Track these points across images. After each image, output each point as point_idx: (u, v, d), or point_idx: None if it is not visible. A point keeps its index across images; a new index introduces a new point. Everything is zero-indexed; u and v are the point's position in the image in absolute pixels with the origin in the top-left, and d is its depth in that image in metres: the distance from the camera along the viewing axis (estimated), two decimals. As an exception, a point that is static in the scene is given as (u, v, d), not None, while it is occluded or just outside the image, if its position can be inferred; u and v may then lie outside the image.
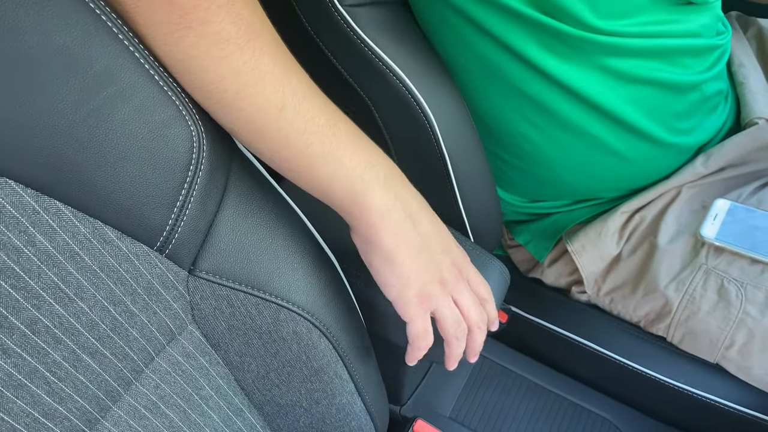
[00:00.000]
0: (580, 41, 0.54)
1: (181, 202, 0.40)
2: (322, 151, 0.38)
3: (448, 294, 0.45)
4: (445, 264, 0.44)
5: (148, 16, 0.35)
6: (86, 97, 0.34)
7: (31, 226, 0.35)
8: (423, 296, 0.43)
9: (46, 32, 0.32)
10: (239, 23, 0.35)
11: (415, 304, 0.44)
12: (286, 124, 0.38)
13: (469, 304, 0.46)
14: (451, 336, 0.46)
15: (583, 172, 0.65)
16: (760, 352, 0.60)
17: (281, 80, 0.37)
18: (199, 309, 0.44)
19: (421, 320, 0.45)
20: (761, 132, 0.66)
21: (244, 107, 0.37)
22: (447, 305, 0.45)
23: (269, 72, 0.37)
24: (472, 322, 0.46)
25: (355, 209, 0.40)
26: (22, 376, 0.35)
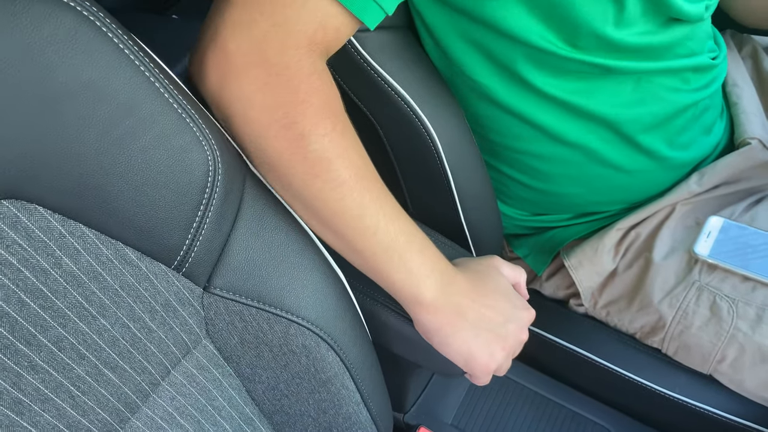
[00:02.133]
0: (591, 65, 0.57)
1: (197, 223, 0.42)
2: (398, 263, 0.48)
3: (510, 357, 0.52)
4: (510, 332, 0.52)
5: (288, 167, 0.45)
6: (111, 127, 0.36)
7: (57, 249, 0.37)
8: (491, 366, 0.51)
9: (74, 68, 0.34)
10: (351, 169, 0.45)
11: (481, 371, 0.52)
12: (375, 244, 0.47)
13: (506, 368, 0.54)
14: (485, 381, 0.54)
15: (582, 186, 0.67)
16: (751, 367, 0.62)
17: (377, 210, 0.47)
18: (213, 324, 0.46)
19: (485, 381, 0.53)
20: (754, 152, 0.68)
21: (347, 233, 0.47)
22: (506, 367, 0.53)
23: (369, 206, 0.47)
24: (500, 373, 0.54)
25: (416, 307, 0.50)
26: (49, 390, 0.37)
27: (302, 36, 0.43)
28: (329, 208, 0.46)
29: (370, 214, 0.46)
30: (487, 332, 0.50)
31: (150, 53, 0.40)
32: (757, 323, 0.61)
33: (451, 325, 0.50)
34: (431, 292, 0.49)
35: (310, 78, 0.44)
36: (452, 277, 0.50)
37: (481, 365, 0.51)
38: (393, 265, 0.48)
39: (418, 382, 0.72)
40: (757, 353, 0.61)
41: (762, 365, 0.61)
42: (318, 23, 0.44)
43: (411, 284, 0.49)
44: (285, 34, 0.43)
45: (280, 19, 0.42)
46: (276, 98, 0.43)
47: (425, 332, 0.52)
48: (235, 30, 0.42)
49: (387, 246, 0.47)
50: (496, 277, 0.54)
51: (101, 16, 0.35)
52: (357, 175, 0.46)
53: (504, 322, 0.51)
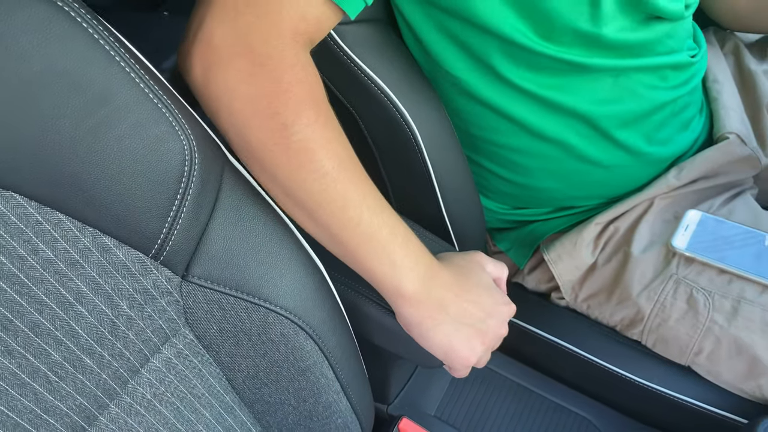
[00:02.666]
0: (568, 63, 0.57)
1: (174, 212, 0.42)
2: (380, 255, 0.49)
3: (489, 350, 0.54)
4: (491, 327, 0.53)
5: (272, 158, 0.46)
6: (86, 116, 0.37)
7: (34, 236, 0.37)
8: (471, 360, 0.52)
9: (49, 57, 0.35)
10: (334, 160, 0.46)
11: (461, 363, 0.53)
12: (358, 236, 0.48)
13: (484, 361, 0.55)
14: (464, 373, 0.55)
15: (561, 180, 0.68)
16: (727, 359, 0.62)
17: (361, 202, 0.48)
18: (191, 312, 0.46)
19: (463, 371, 0.54)
20: (732, 146, 0.69)
21: (330, 224, 0.48)
22: (486, 358, 0.54)
23: (353, 198, 0.47)
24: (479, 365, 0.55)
25: (398, 300, 0.51)
26: (26, 375, 0.38)
27: (285, 27, 0.44)
28: (313, 200, 0.47)
29: (353, 205, 0.47)
30: (467, 327, 0.51)
31: (126, 44, 0.40)
32: (733, 316, 0.62)
33: (432, 318, 0.50)
34: (413, 285, 0.49)
35: (294, 68, 0.44)
36: (435, 271, 0.51)
37: (461, 359, 0.52)
38: (376, 257, 0.49)
39: (402, 373, 0.73)
40: (733, 345, 0.62)
41: (738, 357, 0.62)
42: (300, 13, 0.44)
43: (393, 277, 0.49)
44: (268, 25, 0.43)
45: (263, 10, 0.43)
46: (259, 89, 0.44)
47: (406, 325, 0.52)
48: (219, 22, 0.43)
49: (370, 238, 0.48)
50: (478, 273, 0.54)
51: (75, 6, 0.36)
52: (341, 166, 0.46)
53: (485, 317, 0.52)
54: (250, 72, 0.44)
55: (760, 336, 0.61)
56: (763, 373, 0.61)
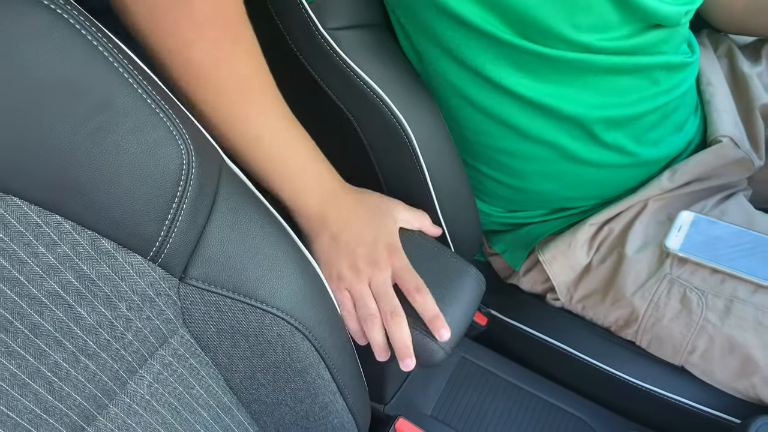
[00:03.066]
0: (558, 62, 0.58)
1: (172, 215, 0.43)
2: (280, 172, 0.53)
3: (360, 280, 0.55)
4: (360, 255, 0.55)
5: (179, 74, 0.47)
6: (85, 121, 0.38)
7: (34, 239, 0.38)
8: (333, 276, 0.56)
9: (49, 64, 0.36)
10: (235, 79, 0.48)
11: (333, 280, 0.56)
12: (260, 153, 0.52)
13: (379, 292, 0.55)
14: (361, 317, 0.56)
15: (555, 182, 0.69)
16: (720, 358, 0.63)
17: (263, 123, 0.50)
18: (189, 314, 0.47)
19: (337, 295, 0.56)
20: (725, 149, 0.69)
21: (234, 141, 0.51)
22: (356, 288, 0.55)
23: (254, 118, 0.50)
24: (381, 311, 0.55)
25: (294, 212, 0.56)
26: (26, 375, 0.38)
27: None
28: (216, 116, 0.49)
29: (254, 125, 0.50)
30: (342, 245, 0.55)
31: (125, 49, 0.41)
32: (726, 315, 0.62)
33: (315, 230, 0.56)
34: (308, 200, 0.54)
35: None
36: (335, 194, 0.55)
37: (327, 273, 0.55)
38: (275, 174, 0.53)
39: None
40: (726, 344, 0.62)
41: (731, 356, 0.62)
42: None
43: (288, 190, 0.54)
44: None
45: None
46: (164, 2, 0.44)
47: (301, 235, 0.55)
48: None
49: (271, 157, 0.52)
50: (382, 215, 0.58)
51: (75, 14, 0.37)
52: (242, 87, 0.49)
53: (357, 244, 0.55)
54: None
55: (752, 334, 0.61)
56: (756, 372, 0.61)
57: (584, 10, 0.54)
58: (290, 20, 0.56)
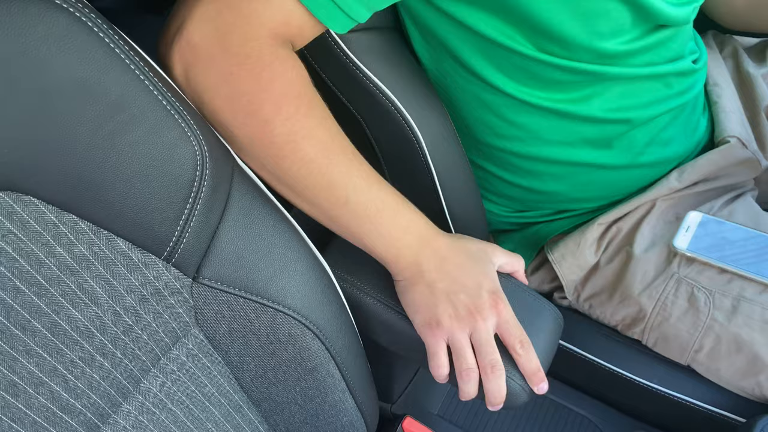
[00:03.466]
0: (574, 72, 0.58)
1: (186, 215, 0.44)
2: (369, 229, 0.52)
3: (461, 329, 0.52)
4: (461, 303, 0.52)
5: (258, 150, 0.48)
6: (102, 123, 0.38)
7: (51, 239, 0.38)
8: (432, 323, 0.53)
9: (68, 67, 0.36)
10: (317, 147, 0.49)
11: (426, 327, 0.53)
12: (347, 213, 0.51)
13: (482, 343, 0.52)
14: (458, 369, 0.53)
15: (565, 183, 0.69)
16: (726, 356, 0.63)
17: (347, 183, 0.50)
18: (202, 313, 0.47)
19: (431, 344, 0.53)
20: (733, 150, 0.70)
21: (319, 204, 0.51)
22: (458, 338, 0.52)
23: (338, 180, 0.50)
24: (480, 364, 0.52)
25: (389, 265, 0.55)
26: (43, 374, 0.39)
27: (264, 29, 0.46)
28: (300, 184, 0.49)
29: (338, 187, 0.50)
30: (440, 293, 0.53)
31: (140, 52, 0.41)
32: (733, 314, 0.63)
33: (411, 279, 0.54)
34: (399, 252, 0.53)
35: (272, 65, 0.46)
36: (427, 242, 0.53)
37: (424, 320, 0.53)
38: (365, 231, 0.52)
39: (405, 373, 0.73)
40: (733, 343, 0.63)
41: (737, 355, 0.63)
42: (282, 19, 0.46)
43: (381, 246, 0.53)
44: (248, 27, 0.45)
45: (245, 12, 0.45)
46: (239, 87, 0.46)
47: (395, 285, 0.56)
48: (201, 22, 0.45)
49: (358, 215, 0.51)
50: (480, 260, 0.55)
51: (93, 17, 0.37)
52: (324, 152, 0.49)
53: (458, 291, 0.52)
54: (229, 72, 0.45)
55: (759, 333, 0.62)
56: (762, 371, 0.62)
57: (603, 17, 0.55)
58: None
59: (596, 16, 0.54)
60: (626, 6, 0.55)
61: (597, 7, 0.54)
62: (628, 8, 0.55)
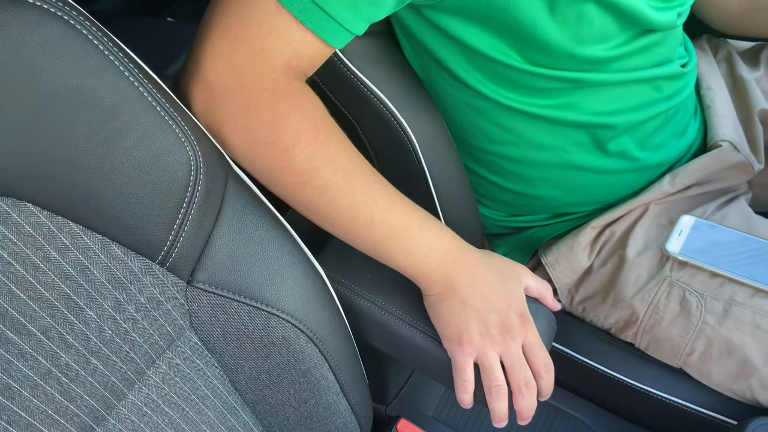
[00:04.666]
0: (564, 81, 0.59)
1: (180, 220, 0.44)
2: (396, 248, 0.53)
3: (492, 347, 0.53)
4: (493, 321, 0.53)
5: (279, 180, 0.49)
6: (96, 129, 0.39)
7: (46, 244, 0.39)
8: (463, 340, 0.53)
9: (62, 73, 0.37)
10: (338, 172, 0.49)
11: (455, 344, 0.54)
12: (373, 234, 0.52)
13: (512, 363, 0.53)
14: (487, 387, 0.54)
15: (558, 188, 0.69)
16: (718, 359, 0.64)
17: (370, 205, 0.51)
18: (196, 316, 0.48)
19: (459, 360, 0.54)
20: (725, 154, 0.70)
21: (345, 227, 0.52)
22: (488, 356, 0.53)
23: (361, 203, 0.50)
24: (513, 382, 0.53)
25: (418, 281, 0.55)
26: (38, 377, 0.39)
27: (278, 62, 0.47)
28: (323, 209, 0.50)
29: (362, 209, 0.50)
30: (471, 309, 0.53)
31: (135, 58, 0.42)
32: (724, 317, 0.63)
33: (441, 294, 0.54)
34: (427, 268, 0.53)
35: (287, 97, 0.47)
36: (456, 257, 0.54)
37: (454, 336, 0.53)
38: (392, 250, 0.53)
39: (400, 375, 0.74)
40: (724, 346, 0.63)
41: (728, 358, 0.63)
42: (293, 50, 0.47)
43: (410, 263, 0.53)
44: (262, 61, 0.46)
45: (258, 48, 0.46)
46: (257, 119, 0.47)
47: (424, 300, 0.56)
48: (215, 60, 0.46)
49: (384, 234, 0.52)
50: (510, 278, 0.56)
51: (87, 24, 0.38)
52: (345, 177, 0.49)
53: (490, 310, 0.53)
54: (246, 105, 0.47)
55: (750, 337, 0.62)
56: (753, 374, 0.62)
57: (585, 24, 0.55)
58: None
59: (578, 23, 0.55)
60: (609, 13, 0.56)
61: (579, 14, 0.54)
62: (611, 15, 0.56)
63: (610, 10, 0.55)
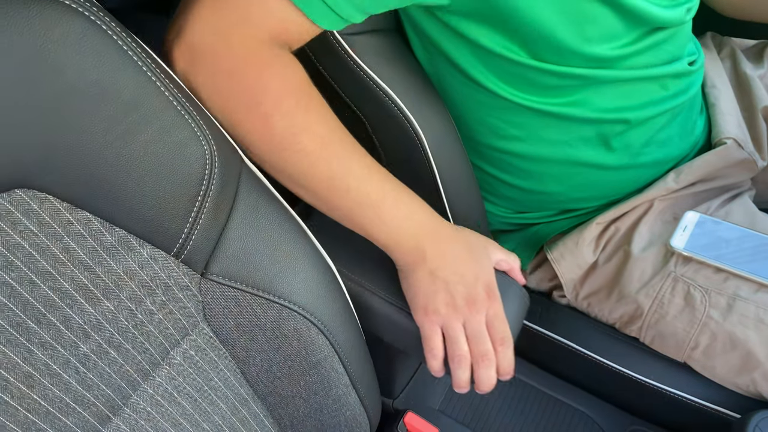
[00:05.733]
0: (571, 77, 0.60)
1: (195, 212, 0.45)
2: (372, 217, 0.53)
3: (457, 318, 0.54)
4: (460, 293, 0.54)
5: (259, 144, 0.50)
6: (115, 123, 0.39)
7: (66, 235, 0.39)
8: (429, 310, 0.55)
9: (82, 68, 0.37)
10: (316, 140, 0.50)
11: (422, 313, 0.55)
12: (349, 202, 0.52)
13: (475, 334, 0.55)
14: (451, 355, 0.55)
15: (564, 184, 0.70)
16: (722, 353, 0.64)
17: (347, 174, 0.51)
18: (210, 308, 0.48)
19: (426, 329, 0.56)
20: (729, 151, 0.71)
21: (321, 194, 0.52)
22: (453, 326, 0.54)
23: (338, 171, 0.51)
24: (473, 352, 0.55)
25: (392, 252, 0.55)
26: (57, 366, 0.40)
27: (263, 31, 0.47)
28: (301, 174, 0.51)
29: (340, 177, 0.51)
30: (441, 281, 0.54)
31: (151, 54, 0.42)
32: (728, 312, 0.64)
33: (411, 264, 0.55)
34: (401, 238, 0.54)
35: (271, 65, 0.48)
36: (429, 229, 0.55)
37: (422, 306, 0.55)
38: (368, 219, 0.53)
39: (407, 369, 0.75)
40: (728, 340, 0.64)
41: (732, 352, 0.64)
42: (278, 22, 0.48)
43: (384, 232, 0.54)
44: (247, 28, 0.47)
45: (244, 15, 0.47)
46: (239, 85, 0.47)
47: (398, 271, 0.57)
48: (200, 23, 0.47)
49: (360, 203, 0.52)
50: (480, 253, 0.57)
51: (107, 20, 0.38)
52: (323, 144, 0.50)
53: (458, 281, 0.54)
54: (229, 70, 0.47)
55: (753, 331, 0.63)
56: (757, 367, 0.63)
57: (591, 22, 0.56)
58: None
59: (584, 21, 0.55)
60: (613, 11, 0.56)
61: (585, 12, 0.55)
62: (616, 13, 0.56)
63: (616, 10, 0.56)
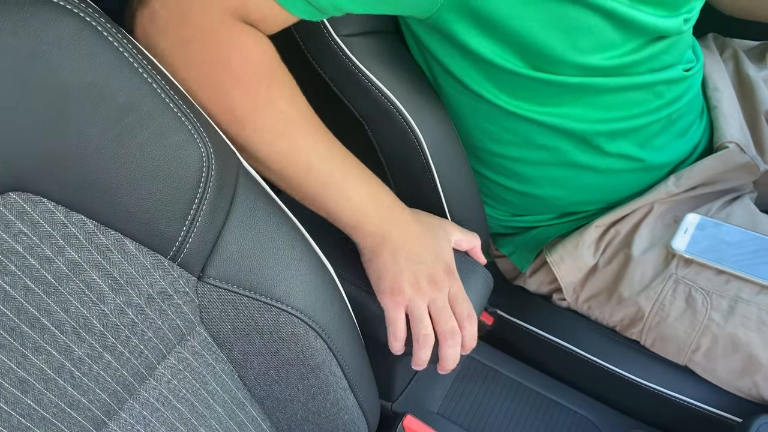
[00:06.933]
0: (564, 86, 0.59)
1: (192, 215, 0.44)
2: (334, 195, 0.53)
3: (421, 297, 0.55)
4: (422, 273, 0.54)
5: (217, 115, 0.49)
6: (110, 125, 0.39)
7: (61, 239, 0.39)
8: (395, 291, 0.55)
9: (78, 70, 0.37)
10: (277, 117, 0.50)
11: (387, 295, 0.55)
12: (311, 181, 0.52)
13: (438, 312, 0.55)
14: (415, 333, 0.55)
15: (562, 187, 0.70)
16: (723, 356, 0.64)
17: (309, 152, 0.51)
18: (206, 312, 0.48)
19: (392, 310, 0.56)
20: (731, 155, 0.70)
21: (283, 173, 0.52)
22: (417, 306, 0.55)
23: (300, 149, 0.51)
24: (439, 330, 0.55)
25: (352, 231, 0.56)
26: (52, 370, 0.39)
27: (224, 6, 0.47)
28: (261, 152, 0.50)
29: (301, 153, 0.51)
30: (403, 261, 0.55)
31: (147, 55, 0.42)
32: (730, 314, 0.64)
33: (374, 246, 0.55)
34: (363, 217, 0.54)
35: (231, 38, 0.47)
36: (390, 211, 0.55)
37: (387, 287, 0.55)
38: (331, 197, 0.53)
39: (406, 371, 0.74)
40: (729, 343, 0.64)
41: (733, 354, 0.64)
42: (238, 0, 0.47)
43: (346, 211, 0.54)
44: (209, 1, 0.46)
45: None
46: (197, 56, 0.47)
47: (360, 254, 0.57)
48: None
49: (323, 182, 0.52)
50: (438, 235, 0.58)
51: (102, 21, 0.38)
52: (284, 122, 0.50)
53: (418, 262, 0.55)
54: (187, 39, 0.46)
55: (756, 334, 0.63)
56: (758, 370, 0.63)
57: (584, 33, 0.55)
58: (304, 27, 0.57)
59: (575, 32, 0.55)
60: (608, 22, 0.55)
61: (576, 23, 0.54)
62: (610, 24, 0.55)
63: (611, 20, 0.55)
